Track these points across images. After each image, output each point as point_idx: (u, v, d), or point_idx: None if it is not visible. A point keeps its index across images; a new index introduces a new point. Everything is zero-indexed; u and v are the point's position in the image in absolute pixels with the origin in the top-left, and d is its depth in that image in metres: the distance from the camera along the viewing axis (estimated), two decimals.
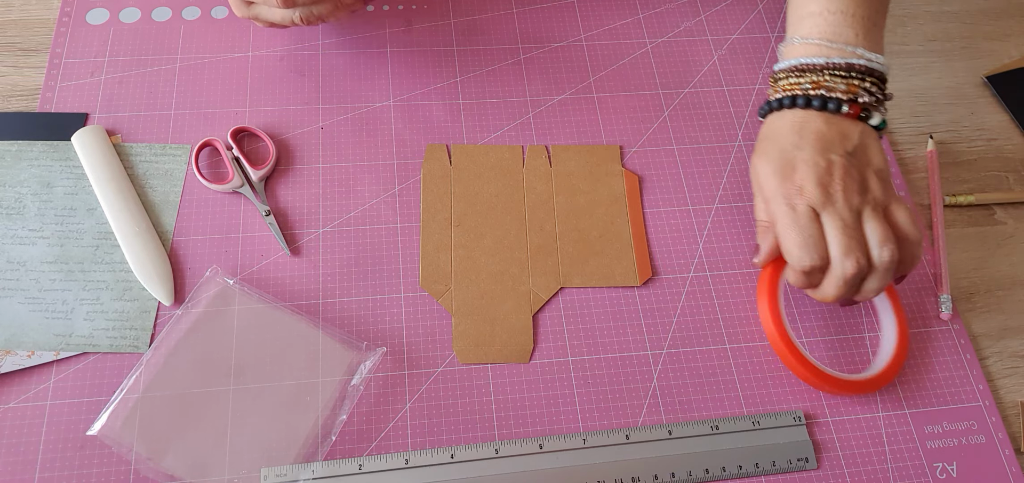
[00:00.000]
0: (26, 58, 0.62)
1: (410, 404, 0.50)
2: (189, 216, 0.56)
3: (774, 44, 0.69)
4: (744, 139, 0.63)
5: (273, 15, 0.56)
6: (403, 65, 0.64)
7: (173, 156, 0.58)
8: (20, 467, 0.47)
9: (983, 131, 0.66)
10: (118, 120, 0.59)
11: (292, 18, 0.55)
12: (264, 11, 0.56)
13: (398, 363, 0.52)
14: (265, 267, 0.54)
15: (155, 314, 0.52)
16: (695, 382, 0.52)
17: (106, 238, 0.54)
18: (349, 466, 0.48)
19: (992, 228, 0.61)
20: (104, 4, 0.65)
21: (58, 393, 0.49)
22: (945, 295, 0.56)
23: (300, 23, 0.55)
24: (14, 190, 0.55)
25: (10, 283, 0.52)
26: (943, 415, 0.52)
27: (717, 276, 0.57)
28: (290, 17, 0.55)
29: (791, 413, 0.51)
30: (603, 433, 0.50)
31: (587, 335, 0.54)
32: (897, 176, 0.62)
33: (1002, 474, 0.51)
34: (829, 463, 0.50)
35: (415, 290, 0.54)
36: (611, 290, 0.55)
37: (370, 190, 0.58)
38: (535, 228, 0.57)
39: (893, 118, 0.66)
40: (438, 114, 0.62)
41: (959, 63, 0.70)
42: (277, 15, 0.56)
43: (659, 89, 0.65)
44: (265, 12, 0.56)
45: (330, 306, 0.53)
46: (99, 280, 0.52)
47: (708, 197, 0.60)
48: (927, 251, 0.59)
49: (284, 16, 0.56)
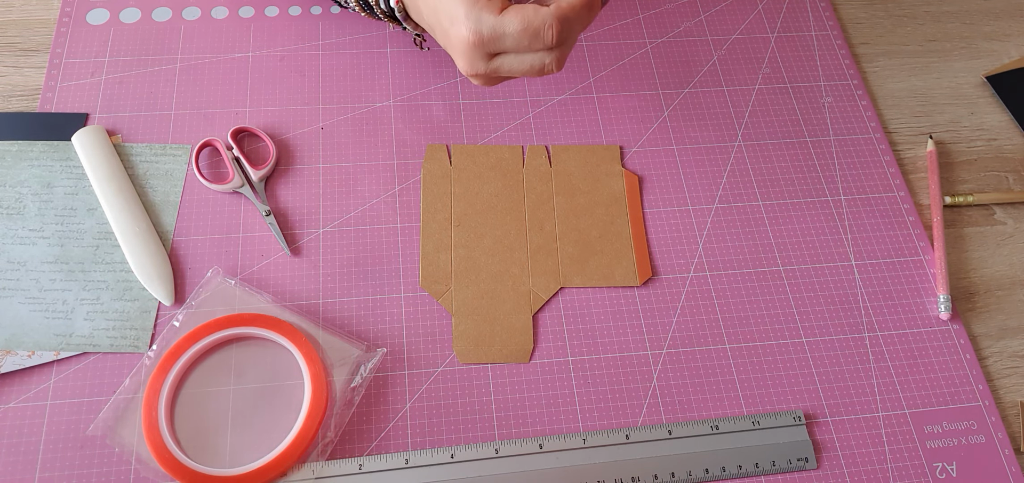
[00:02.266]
0: (26, 58, 0.62)
1: (410, 404, 0.50)
2: (189, 216, 0.56)
3: (774, 44, 0.69)
4: (744, 139, 0.63)
5: (525, 66, 0.47)
6: (403, 65, 0.64)
7: (173, 156, 0.58)
8: (20, 467, 0.47)
9: (983, 131, 0.66)
10: (118, 120, 0.59)
11: (548, 66, 0.46)
12: (514, 65, 0.47)
13: (398, 363, 0.52)
14: (265, 267, 0.54)
15: (155, 314, 0.52)
16: (695, 382, 0.52)
17: (106, 238, 0.54)
18: (349, 466, 0.48)
19: (992, 228, 0.61)
20: (104, 4, 0.65)
21: (58, 393, 0.49)
22: (944, 295, 0.56)
23: (554, 70, 0.47)
24: (14, 190, 0.55)
25: (10, 283, 0.52)
26: (943, 415, 0.52)
27: (717, 276, 0.57)
28: (547, 66, 0.47)
29: (791, 413, 0.51)
30: (603, 433, 0.50)
31: (587, 335, 0.54)
32: (897, 176, 0.62)
33: (1002, 474, 0.51)
34: (829, 463, 0.50)
35: (415, 290, 0.54)
36: (611, 290, 0.56)
37: (370, 190, 0.58)
38: (535, 228, 0.57)
39: (893, 118, 0.66)
40: (438, 114, 0.62)
41: (959, 63, 0.70)
42: (533, 66, 0.46)
43: (659, 89, 0.65)
44: (515, 66, 0.47)
45: (330, 306, 0.53)
46: (99, 280, 0.53)
47: (708, 197, 0.60)
48: (927, 251, 0.59)
49: (542, 66, 0.47)
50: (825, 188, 0.61)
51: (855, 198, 0.61)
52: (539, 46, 0.45)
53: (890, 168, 0.63)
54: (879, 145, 0.64)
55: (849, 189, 0.61)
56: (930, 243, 0.59)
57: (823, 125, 0.65)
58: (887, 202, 0.61)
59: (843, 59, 0.69)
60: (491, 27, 0.44)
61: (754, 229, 0.59)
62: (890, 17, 0.73)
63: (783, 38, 0.70)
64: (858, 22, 0.72)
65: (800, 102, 0.66)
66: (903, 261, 0.58)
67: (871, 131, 0.65)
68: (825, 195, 0.61)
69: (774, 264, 0.57)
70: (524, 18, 0.44)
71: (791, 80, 0.67)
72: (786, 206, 0.60)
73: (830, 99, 0.66)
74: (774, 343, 0.54)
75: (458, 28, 0.45)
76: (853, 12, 0.73)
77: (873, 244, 0.59)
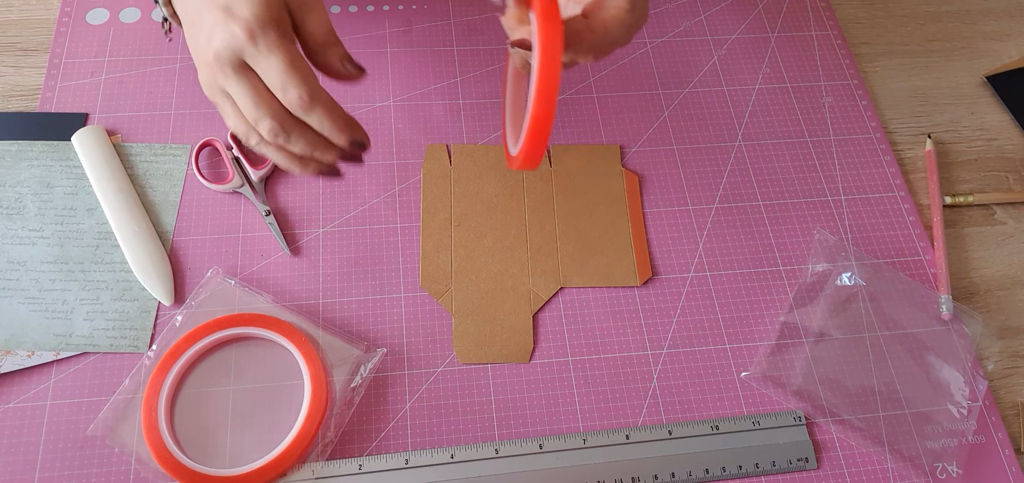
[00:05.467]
0: (26, 58, 0.62)
1: (410, 404, 0.50)
2: (189, 216, 0.56)
3: (774, 44, 0.69)
4: (744, 139, 0.63)
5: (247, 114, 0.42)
6: (403, 65, 0.64)
7: (173, 156, 0.58)
8: (20, 467, 0.47)
9: (983, 131, 0.66)
10: (118, 120, 0.59)
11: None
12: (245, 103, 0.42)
13: (398, 363, 0.52)
14: (265, 267, 0.54)
15: (155, 314, 0.52)
16: (695, 382, 0.52)
17: (106, 238, 0.54)
18: (349, 466, 0.48)
19: (992, 228, 0.61)
20: (104, 4, 0.65)
21: (58, 393, 0.49)
22: (945, 295, 0.56)
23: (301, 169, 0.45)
24: (14, 190, 0.55)
25: (10, 283, 0.52)
26: (943, 415, 0.52)
27: (717, 276, 0.57)
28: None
29: (791, 413, 0.51)
30: (603, 433, 0.50)
31: (587, 335, 0.54)
32: (897, 176, 0.62)
33: (1002, 474, 0.51)
34: (829, 463, 0.50)
35: (415, 290, 0.54)
36: (611, 290, 0.55)
37: (370, 190, 0.58)
38: (535, 228, 0.57)
39: (893, 118, 0.66)
40: (438, 114, 0.62)
41: (959, 63, 0.70)
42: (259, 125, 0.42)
43: (659, 89, 0.65)
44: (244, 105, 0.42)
45: (330, 306, 0.53)
46: (99, 280, 0.52)
47: (708, 197, 0.60)
48: (927, 251, 0.59)
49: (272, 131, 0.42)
50: (825, 188, 0.61)
51: (855, 198, 0.61)
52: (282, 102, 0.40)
53: (890, 168, 0.63)
54: (879, 145, 0.64)
55: (849, 189, 0.61)
56: (930, 243, 0.59)
57: (823, 125, 0.65)
58: (887, 202, 0.61)
59: (843, 59, 0.69)
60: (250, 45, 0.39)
61: (754, 229, 0.59)
62: (890, 17, 0.73)
63: (783, 38, 0.70)
64: (858, 22, 0.72)
65: (800, 102, 0.66)
66: (903, 261, 0.58)
67: (871, 131, 0.65)
68: (825, 195, 0.61)
69: (774, 264, 0.57)
70: (290, 55, 0.40)
71: (791, 80, 0.67)
72: (786, 206, 0.60)
73: (830, 99, 0.66)
74: (775, 343, 0.54)
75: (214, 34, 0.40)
76: (853, 12, 0.73)
77: (873, 244, 0.59)
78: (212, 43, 0.40)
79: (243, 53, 0.40)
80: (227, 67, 0.40)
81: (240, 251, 0.55)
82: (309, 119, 0.41)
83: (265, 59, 0.39)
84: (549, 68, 0.39)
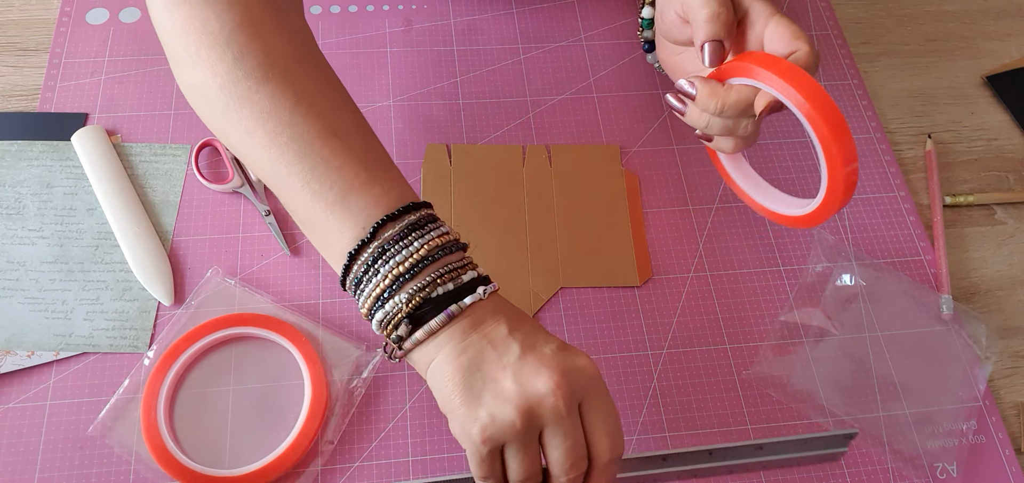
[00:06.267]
0: (26, 58, 0.62)
1: (410, 404, 0.50)
2: (189, 216, 0.56)
3: None
4: None
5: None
6: (403, 65, 0.64)
7: (173, 156, 0.58)
8: (20, 467, 0.46)
9: (983, 131, 0.66)
10: (118, 120, 0.59)
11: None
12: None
13: (398, 363, 0.52)
14: (265, 267, 0.54)
15: (155, 314, 0.52)
16: (695, 382, 0.52)
17: (106, 238, 0.54)
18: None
19: (992, 228, 0.61)
20: (104, 4, 0.65)
21: (58, 393, 0.49)
22: (946, 295, 0.56)
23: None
24: (14, 190, 0.55)
25: (10, 283, 0.52)
26: (943, 415, 0.52)
27: (717, 276, 0.57)
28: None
29: (844, 433, 0.48)
30: None
31: (587, 335, 0.54)
32: (897, 176, 0.62)
33: (1002, 474, 0.51)
34: (829, 463, 0.50)
35: None
36: (611, 290, 0.55)
37: None
38: (535, 228, 0.57)
39: (893, 118, 0.66)
40: (438, 114, 0.62)
41: (959, 63, 0.70)
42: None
43: (659, 89, 0.65)
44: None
45: (330, 306, 0.53)
46: (99, 280, 0.52)
47: (708, 197, 0.60)
48: (927, 251, 0.59)
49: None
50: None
51: (855, 198, 0.61)
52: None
53: (890, 168, 0.63)
54: (879, 145, 0.64)
55: None
56: (930, 243, 0.59)
57: None
58: (887, 202, 0.61)
59: (843, 59, 0.69)
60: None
61: (754, 229, 0.59)
62: (890, 17, 0.73)
63: None
64: (858, 22, 0.72)
65: None
66: (903, 261, 0.58)
67: (871, 131, 0.65)
68: None
69: (774, 264, 0.57)
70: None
71: None
72: None
73: None
74: (775, 343, 0.54)
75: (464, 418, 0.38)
76: (853, 12, 0.73)
77: (873, 244, 0.59)
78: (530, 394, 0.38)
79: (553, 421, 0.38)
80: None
81: (240, 251, 0.55)
82: None
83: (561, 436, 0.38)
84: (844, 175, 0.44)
